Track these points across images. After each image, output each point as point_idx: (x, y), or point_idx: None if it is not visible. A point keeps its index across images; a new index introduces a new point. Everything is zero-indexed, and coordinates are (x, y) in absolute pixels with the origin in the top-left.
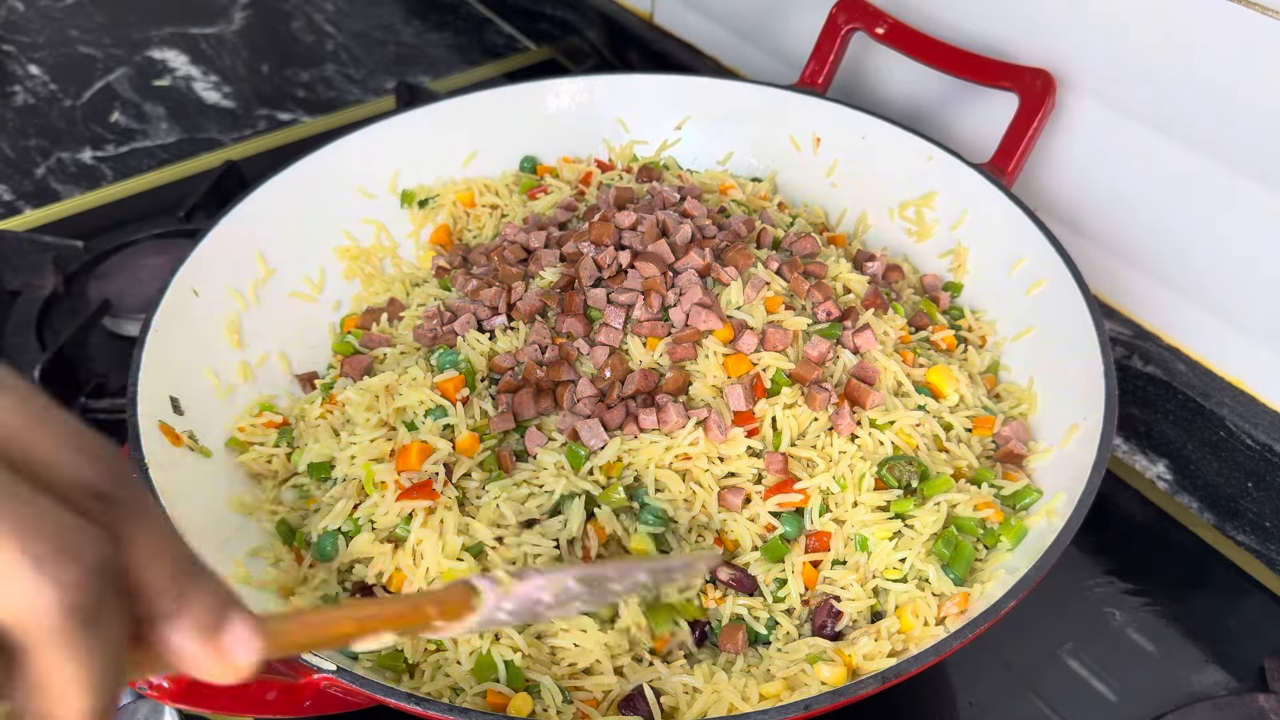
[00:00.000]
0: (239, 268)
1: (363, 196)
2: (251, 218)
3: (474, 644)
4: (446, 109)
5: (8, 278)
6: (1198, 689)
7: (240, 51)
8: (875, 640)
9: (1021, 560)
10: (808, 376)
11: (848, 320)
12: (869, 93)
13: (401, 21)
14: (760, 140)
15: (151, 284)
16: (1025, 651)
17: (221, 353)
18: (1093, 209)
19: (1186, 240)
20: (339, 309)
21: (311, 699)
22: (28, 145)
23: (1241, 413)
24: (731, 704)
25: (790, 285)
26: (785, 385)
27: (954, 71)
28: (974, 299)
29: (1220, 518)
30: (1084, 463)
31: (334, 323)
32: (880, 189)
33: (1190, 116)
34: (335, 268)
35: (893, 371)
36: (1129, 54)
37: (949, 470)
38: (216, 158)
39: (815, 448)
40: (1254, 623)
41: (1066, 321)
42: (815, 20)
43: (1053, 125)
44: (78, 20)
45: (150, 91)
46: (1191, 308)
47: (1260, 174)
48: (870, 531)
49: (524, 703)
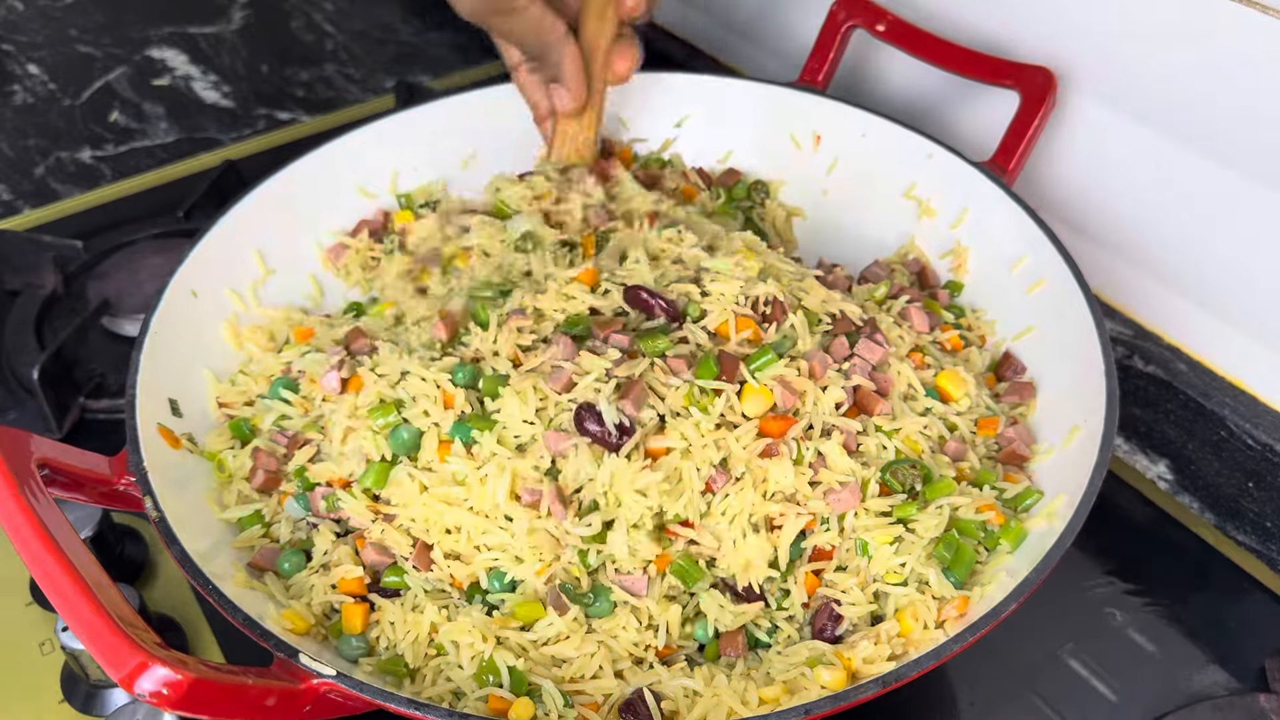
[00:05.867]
0: (238, 268)
1: (362, 196)
2: (250, 218)
3: (476, 649)
4: (446, 108)
5: (7, 277)
6: (1198, 689)
7: (239, 51)
8: (875, 644)
9: (1022, 563)
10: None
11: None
12: (869, 90)
13: (401, 21)
14: (760, 138)
15: (150, 284)
16: (1026, 652)
17: (221, 354)
18: (1093, 208)
19: (1187, 240)
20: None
21: (311, 704)
22: (27, 145)
23: (1242, 413)
24: (731, 708)
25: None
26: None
27: (955, 69)
28: (974, 298)
29: (1221, 518)
30: (1085, 464)
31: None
32: (880, 187)
33: (1191, 115)
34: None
35: (905, 376)
36: (1130, 52)
37: (951, 473)
38: (215, 157)
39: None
40: (1255, 623)
41: (1067, 321)
42: (815, 18)
43: (1054, 123)
44: (77, 20)
45: (149, 91)
46: (1192, 307)
47: (1261, 173)
48: (871, 536)
49: (525, 707)
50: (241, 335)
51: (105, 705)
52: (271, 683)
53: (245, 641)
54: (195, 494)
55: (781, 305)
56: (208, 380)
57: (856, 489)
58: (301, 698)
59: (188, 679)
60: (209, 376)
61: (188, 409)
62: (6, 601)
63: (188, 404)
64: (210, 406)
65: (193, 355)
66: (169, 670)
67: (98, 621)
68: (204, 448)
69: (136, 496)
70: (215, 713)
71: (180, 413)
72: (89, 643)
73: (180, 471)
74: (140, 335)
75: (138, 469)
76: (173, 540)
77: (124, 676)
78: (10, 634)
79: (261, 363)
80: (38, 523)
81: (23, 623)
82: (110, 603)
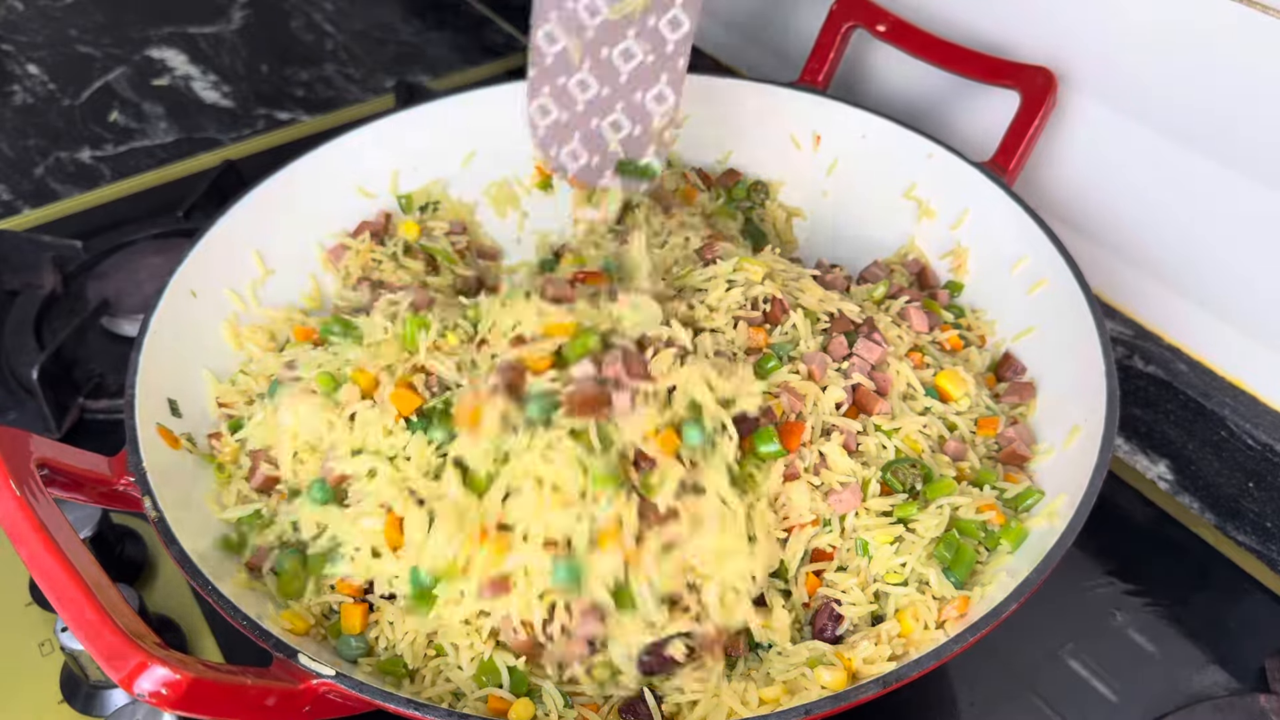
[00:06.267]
0: (238, 268)
1: (362, 196)
2: (250, 218)
3: (476, 649)
4: (446, 108)
5: (7, 277)
6: (1198, 689)
7: (239, 51)
8: (875, 644)
9: (1022, 563)
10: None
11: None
12: (869, 90)
13: (401, 21)
14: (760, 138)
15: (150, 284)
16: (1026, 652)
17: (221, 354)
18: (1094, 208)
19: (1187, 240)
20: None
21: (311, 704)
22: (26, 145)
23: (1242, 413)
24: (731, 708)
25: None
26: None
27: (955, 69)
28: (974, 299)
29: (1221, 518)
30: (1086, 464)
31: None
32: (880, 187)
33: (1191, 115)
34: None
35: (904, 376)
36: (1130, 52)
37: (952, 472)
38: (215, 157)
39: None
40: (1255, 623)
41: (1068, 321)
42: (815, 18)
43: (1054, 124)
44: (77, 20)
45: (149, 91)
46: (1192, 307)
47: (1261, 173)
48: (872, 536)
49: (525, 708)
50: (241, 335)
51: (105, 706)
52: (271, 683)
53: (245, 641)
54: (195, 494)
55: (781, 304)
56: (207, 380)
57: (857, 489)
58: (301, 698)
59: (187, 679)
60: (209, 376)
61: (187, 409)
62: (6, 601)
63: (187, 404)
64: (210, 406)
65: (192, 355)
66: (168, 670)
67: (97, 621)
68: (201, 449)
69: (136, 496)
70: (215, 713)
71: (180, 413)
72: (88, 643)
73: (180, 471)
74: (140, 335)
75: (137, 469)
76: (172, 540)
77: (123, 677)
78: (10, 634)
79: (261, 363)
80: (37, 523)
81: (23, 623)
82: (110, 603)
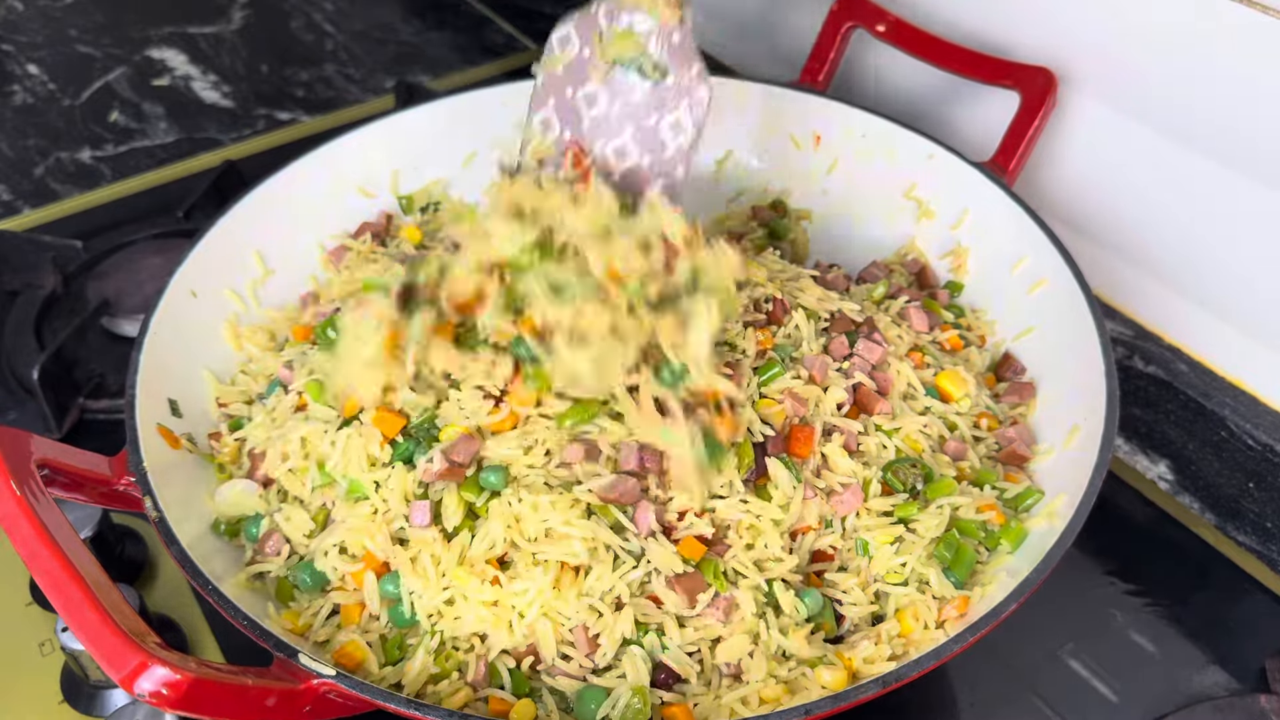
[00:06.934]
0: (238, 268)
1: (362, 196)
2: (250, 218)
3: (476, 650)
4: (446, 108)
5: (7, 277)
6: (1199, 690)
7: (239, 51)
8: (876, 644)
9: (1022, 563)
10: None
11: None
12: (869, 91)
13: (401, 21)
14: (759, 138)
15: (150, 284)
16: (1026, 652)
17: (221, 354)
18: (1093, 208)
19: (1187, 240)
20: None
21: (311, 704)
22: (26, 145)
23: (1243, 413)
24: (731, 708)
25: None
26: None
27: (955, 69)
28: (974, 299)
29: (1221, 518)
30: (1086, 464)
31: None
32: (880, 187)
33: (1191, 115)
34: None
35: (905, 376)
36: (1130, 52)
37: (952, 472)
38: (215, 157)
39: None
40: (1255, 623)
41: (1068, 322)
42: (815, 18)
43: (1054, 124)
44: (77, 20)
45: (149, 91)
46: (1192, 307)
47: (1261, 173)
48: (872, 536)
49: (526, 709)
50: (241, 335)
51: (105, 706)
52: (271, 683)
53: (245, 641)
54: (195, 494)
55: (783, 304)
56: (208, 380)
57: (858, 490)
58: (301, 698)
59: (187, 679)
60: (209, 376)
61: (187, 409)
62: (6, 601)
63: (187, 404)
64: (210, 406)
65: (193, 355)
66: (169, 670)
67: (98, 622)
68: (201, 449)
69: (136, 496)
70: (215, 713)
71: (180, 413)
72: (89, 643)
73: (180, 471)
74: (140, 335)
75: (137, 469)
76: (172, 540)
77: (124, 677)
78: (10, 634)
79: (261, 363)
80: (37, 523)
81: (23, 623)
82: (110, 603)
